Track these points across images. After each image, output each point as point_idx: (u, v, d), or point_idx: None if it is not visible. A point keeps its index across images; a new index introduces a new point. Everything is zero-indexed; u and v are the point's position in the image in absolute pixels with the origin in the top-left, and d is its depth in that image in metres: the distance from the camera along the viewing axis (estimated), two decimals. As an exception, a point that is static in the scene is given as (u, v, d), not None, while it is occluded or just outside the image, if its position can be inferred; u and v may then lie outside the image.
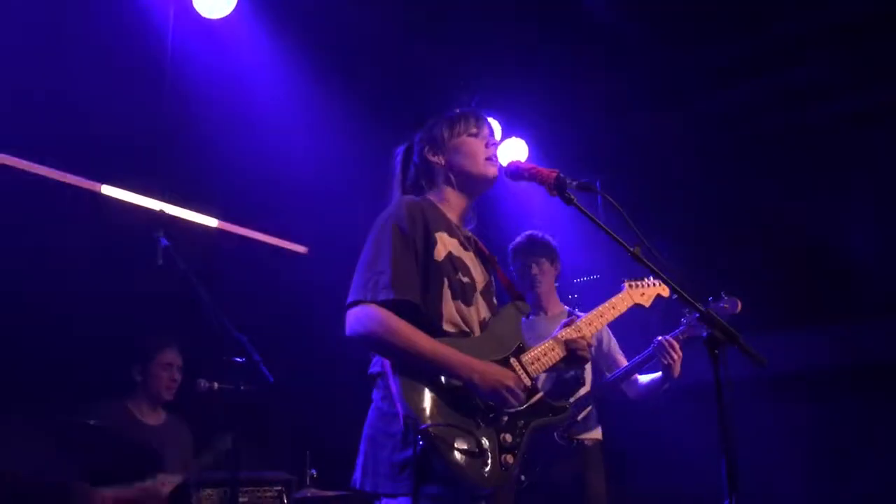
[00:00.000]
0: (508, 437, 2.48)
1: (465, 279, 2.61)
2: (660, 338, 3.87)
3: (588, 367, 4.09)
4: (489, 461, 2.40)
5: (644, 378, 4.10)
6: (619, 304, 3.21)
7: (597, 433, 4.13)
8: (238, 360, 3.26)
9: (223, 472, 3.38)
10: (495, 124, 5.23)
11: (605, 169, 6.23)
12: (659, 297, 3.43)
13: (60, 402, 3.25)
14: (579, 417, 4.01)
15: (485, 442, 2.40)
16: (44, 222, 4.14)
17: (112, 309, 4.29)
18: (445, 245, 2.60)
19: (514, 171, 2.69)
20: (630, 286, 3.38)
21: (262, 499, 3.48)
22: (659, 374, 3.96)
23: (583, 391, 4.03)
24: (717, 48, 5.44)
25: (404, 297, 2.44)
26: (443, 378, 2.43)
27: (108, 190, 4.42)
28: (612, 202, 2.50)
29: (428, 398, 2.38)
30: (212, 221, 4.93)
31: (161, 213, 3.96)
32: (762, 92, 5.82)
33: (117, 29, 4.23)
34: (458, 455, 2.34)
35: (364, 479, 2.47)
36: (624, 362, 4.18)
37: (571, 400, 3.91)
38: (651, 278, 3.38)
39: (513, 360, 2.62)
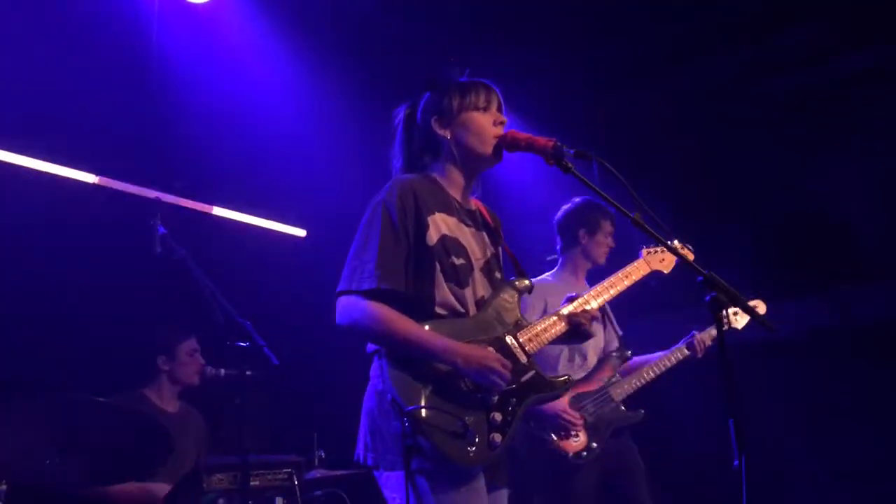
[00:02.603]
0: (498, 416, 2.50)
1: (460, 261, 2.61)
2: (697, 333, 3.98)
3: (602, 336, 4.11)
4: (476, 441, 2.43)
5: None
6: (633, 272, 3.17)
7: None
8: (242, 344, 3.27)
9: (233, 457, 3.40)
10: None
11: (597, 140, 6.21)
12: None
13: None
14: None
15: (471, 422, 2.43)
16: (35, 214, 4.12)
17: (114, 301, 4.30)
18: (439, 227, 2.60)
19: (511, 142, 2.67)
20: (648, 252, 3.33)
21: (273, 482, 3.50)
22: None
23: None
24: (702, 14, 5.40)
25: (388, 285, 2.48)
26: (431, 361, 2.46)
27: (101, 180, 4.40)
28: (611, 169, 2.48)
29: (414, 381, 2.44)
30: (208, 208, 4.92)
31: (157, 201, 3.96)
32: (754, 58, 5.79)
33: (101, 16, 4.19)
34: (442, 436, 2.38)
35: (366, 453, 2.54)
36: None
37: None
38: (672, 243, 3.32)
39: (508, 339, 2.63)
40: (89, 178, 4.33)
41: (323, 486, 3.92)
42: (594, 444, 3.80)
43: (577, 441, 3.78)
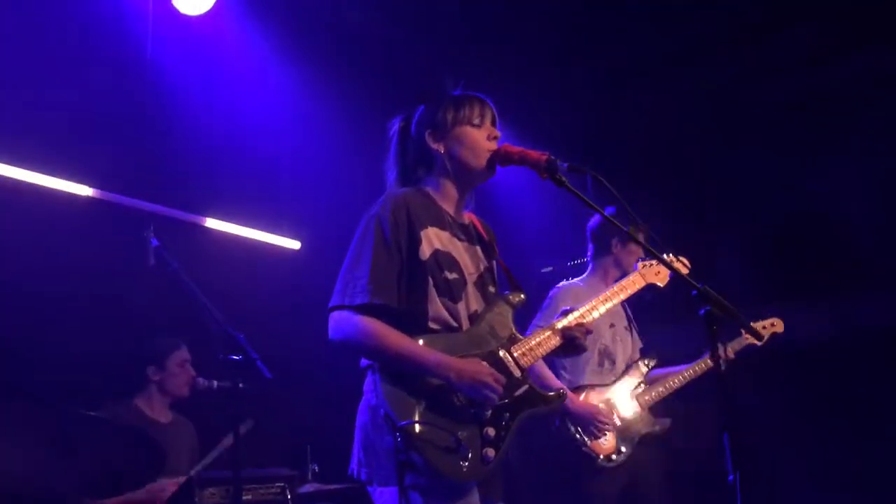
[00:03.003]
0: (491, 431, 2.51)
1: (452, 275, 2.62)
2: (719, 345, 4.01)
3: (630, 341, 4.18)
4: (469, 456, 2.44)
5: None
6: (629, 286, 3.21)
7: None
8: (235, 357, 3.25)
9: (225, 470, 3.38)
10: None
11: (597, 141, 6.18)
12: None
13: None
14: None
15: (464, 437, 2.44)
16: (30, 226, 4.10)
17: (107, 312, 4.29)
18: (432, 242, 2.61)
19: (504, 156, 2.67)
20: (644, 266, 3.38)
21: (266, 496, 3.49)
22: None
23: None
24: (702, 15, 5.37)
25: (380, 300, 2.49)
26: (424, 376, 2.47)
27: (95, 193, 4.39)
28: (605, 183, 2.47)
29: (408, 396, 2.45)
30: (202, 219, 4.90)
31: (150, 214, 3.95)
32: (755, 59, 5.76)
33: (96, 28, 4.18)
34: (435, 451, 2.39)
35: (360, 468, 2.55)
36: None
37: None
38: (667, 256, 3.34)
39: (502, 353, 2.63)
40: (84, 190, 4.31)
41: (316, 501, 3.91)
42: (623, 449, 3.85)
43: (607, 444, 3.83)
